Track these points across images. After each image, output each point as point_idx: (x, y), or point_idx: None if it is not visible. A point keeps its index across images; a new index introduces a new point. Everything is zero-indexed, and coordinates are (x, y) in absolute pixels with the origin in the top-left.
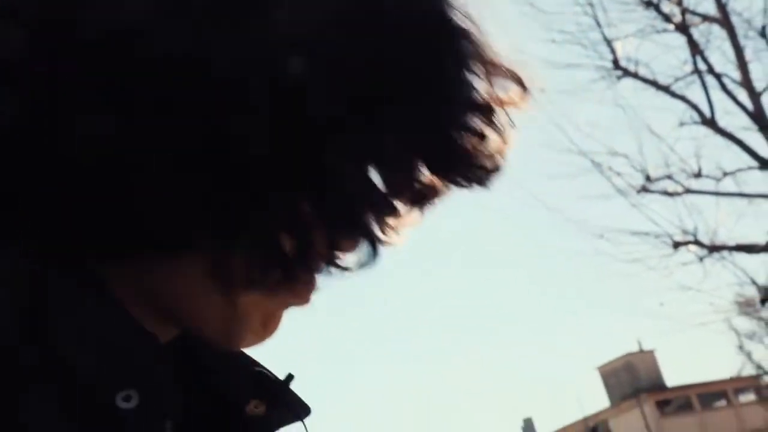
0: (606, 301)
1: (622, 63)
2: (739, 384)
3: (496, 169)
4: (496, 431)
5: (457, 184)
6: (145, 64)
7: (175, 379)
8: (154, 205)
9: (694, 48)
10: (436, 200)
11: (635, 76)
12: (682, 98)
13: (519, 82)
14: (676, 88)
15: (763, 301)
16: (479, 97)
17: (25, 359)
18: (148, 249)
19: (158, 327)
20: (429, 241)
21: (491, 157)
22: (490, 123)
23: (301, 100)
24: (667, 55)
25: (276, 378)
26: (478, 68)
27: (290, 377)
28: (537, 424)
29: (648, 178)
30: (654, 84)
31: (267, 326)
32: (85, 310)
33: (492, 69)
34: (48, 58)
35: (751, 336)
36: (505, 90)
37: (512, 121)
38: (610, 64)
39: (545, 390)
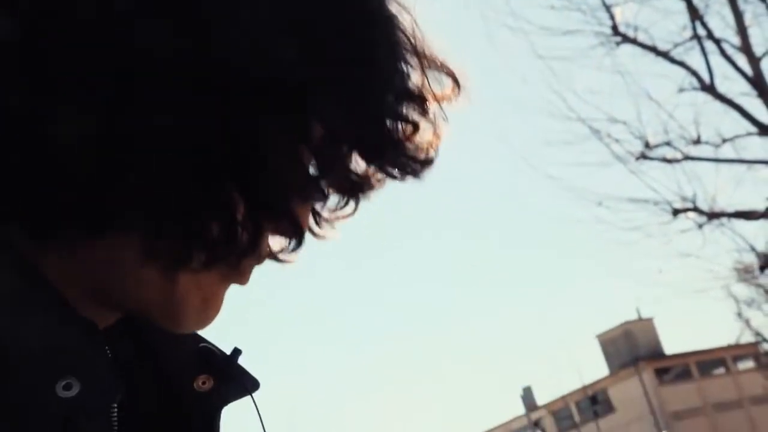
0: (605, 269)
1: (621, 29)
2: (737, 351)
3: (428, 161)
4: (495, 400)
5: (390, 174)
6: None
7: (119, 362)
8: (85, 184)
9: (694, 13)
10: (370, 192)
11: (634, 42)
12: (682, 64)
13: (453, 77)
14: (676, 53)
15: (762, 268)
16: (413, 88)
17: None
18: (80, 228)
19: (96, 311)
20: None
21: (424, 148)
22: (424, 114)
23: (229, 83)
24: (666, 20)
25: (222, 353)
26: (413, 60)
27: (237, 351)
28: (536, 393)
29: (647, 145)
30: (653, 50)
31: (208, 306)
32: (20, 298)
33: (427, 62)
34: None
35: (749, 303)
36: (440, 84)
37: (445, 115)
38: (609, 30)
39: (544, 358)
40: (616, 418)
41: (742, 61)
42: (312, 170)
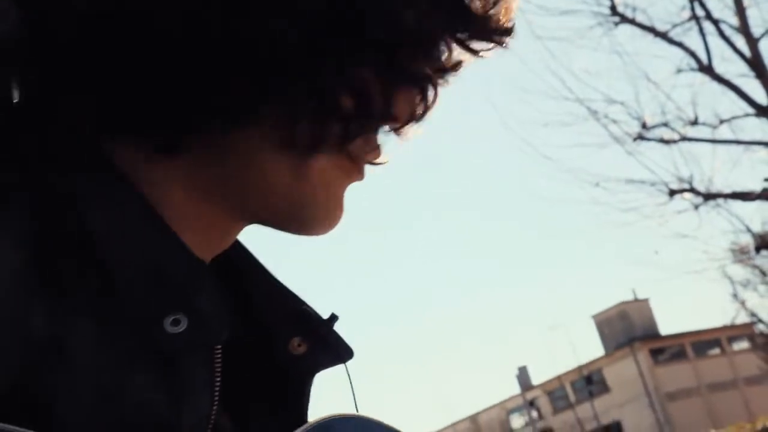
0: (601, 249)
1: (620, 9)
2: (732, 332)
3: (509, 29)
4: (491, 379)
5: (480, 40)
6: None
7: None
8: (216, 78)
9: None
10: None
11: (632, 22)
12: (680, 45)
13: None
14: (674, 34)
15: (757, 249)
16: None
17: (69, 271)
18: (215, 121)
19: (213, 238)
20: (425, 189)
21: (501, 16)
22: None
23: None
24: (664, 0)
25: (320, 317)
26: None
27: (334, 317)
28: (532, 372)
29: (644, 126)
30: (651, 30)
31: (336, 205)
32: (130, 231)
33: None
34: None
35: (745, 284)
36: None
37: None
38: (607, 11)
39: (540, 338)
40: (611, 398)
41: (740, 42)
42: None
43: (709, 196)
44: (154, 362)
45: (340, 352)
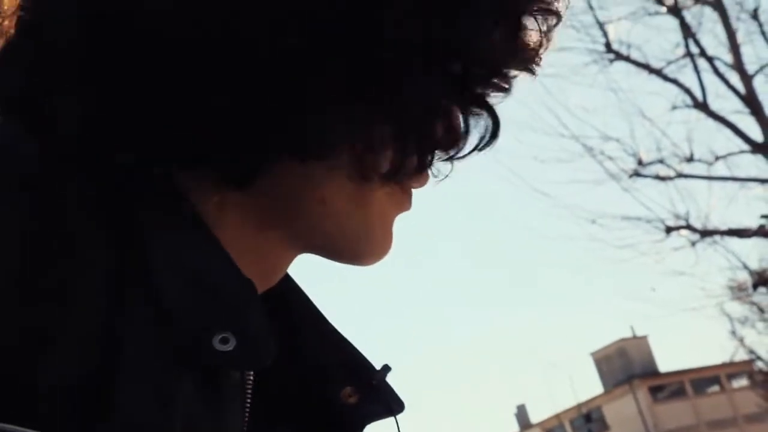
0: (598, 286)
1: (615, 46)
2: (732, 369)
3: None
4: (490, 417)
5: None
6: None
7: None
8: (304, 109)
9: (687, 31)
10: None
11: (627, 59)
12: (674, 81)
13: None
14: (668, 71)
15: (755, 286)
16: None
17: (124, 286)
18: (297, 153)
19: (268, 263)
20: (420, 225)
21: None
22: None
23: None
24: (659, 38)
25: (373, 367)
26: None
27: (387, 368)
28: (530, 411)
29: (640, 163)
30: (646, 67)
31: (388, 235)
32: (183, 248)
33: None
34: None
35: (743, 321)
36: None
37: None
38: (602, 48)
39: (538, 376)
40: None
41: (734, 78)
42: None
43: (705, 233)
44: (201, 377)
45: (392, 405)
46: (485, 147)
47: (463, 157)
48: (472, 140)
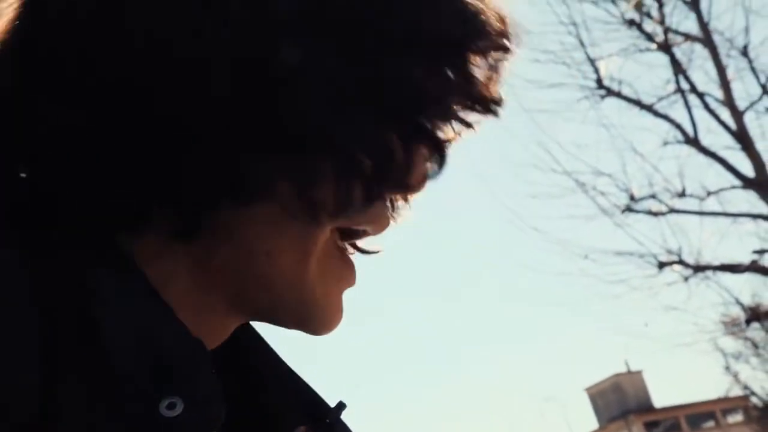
0: (592, 321)
1: (606, 82)
2: (726, 405)
3: (501, 99)
4: None
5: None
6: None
7: (222, 389)
8: (233, 154)
9: (677, 67)
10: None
11: (619, 95)
12: (666, 117)
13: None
14: (660, 107)
15: (748, 321)
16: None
17: (67, 355)
18: (232, 199)
19: (216, 325)
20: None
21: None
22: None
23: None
24: (650, 74)
25: (327, 405)
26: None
27: (342, 406)
28: None
29: (632, 198)
30: (637, 103)
31: (332, 308)
32: (133, 313)
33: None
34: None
35: (737, 356)
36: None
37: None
38: (593, 84)
39: (534, 411)
40: None
41: (725, 114)
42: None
43: (698, 269)
44: None
45: None
46: (429, 179)
47: (413, 192)
48: (424, 177)
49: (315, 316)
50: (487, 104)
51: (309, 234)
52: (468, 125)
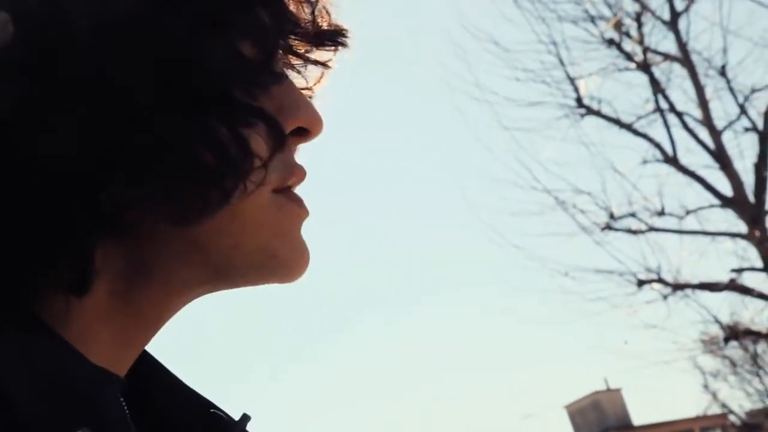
0: (572, 338)
1: (585, 101)
2: (705, 423)
3: (340, 29)
4: None
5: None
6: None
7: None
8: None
9: (656, 86)
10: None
11: (598, 114)
12: (645, 136)
13: None
14: (639, 126)
15: (726, 340)
16: None
17: None
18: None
19: (125, 348)
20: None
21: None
22: None
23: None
24: (629, 93)
25: (232, 420)
26: None
27: (246, 418)
28: None
29: (612, 216)
30: (617, 122)
31: (294, 249)
32: (31, 351)
33: None
34: None
35: (715, 374)
36: None
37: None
38: (573, 102)
39: (513, 430)
40: None
41: (703, 134)
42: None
43: (677, 287)
44: None
45: None
46: (276, 149)
47: (269, 159)
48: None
49: (282, 267)
50: (322, 40)
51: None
52: (318, 63)
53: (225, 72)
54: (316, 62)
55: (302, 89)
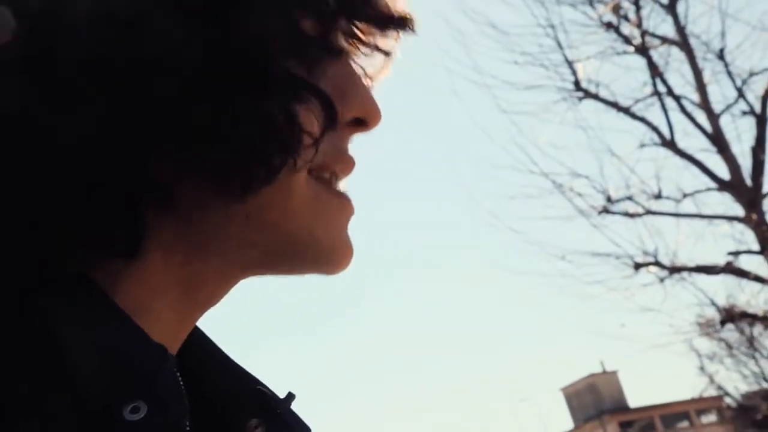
0: (568, 321)
1: (583, 84)
2: (701, 405)
3: (404, 18)
4: None
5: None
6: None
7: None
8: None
9: (654, 70)
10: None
11: (596, 97)
12: (642, 120)
13: None
14: (636, 109)
15: (722, 323)
16: None
17: (30, 371)
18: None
19: (201, 294)
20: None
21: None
22: None
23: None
24: (627, 76)
25: (277, 397)
26: None
27: (291, 396)
28: None
29: (609, 200)
30: (614, 105)
31: (336, 241)
32: (91, 322)
33: None
34: None
35: (711, 357)
36: None
37: None
38: (571, 86)
39: (509, 412)
40: None
41: (701, 117)
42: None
43: (674, 270)
44: None
45: (297, 431)
46: (327, 128)
47: (319, 141)
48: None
49: (323, 255)
50: (388, 20)
51: (286, 192)
52: (380, 50)
53: (277, 42)
54: (378, 48)
55: (364, 77)
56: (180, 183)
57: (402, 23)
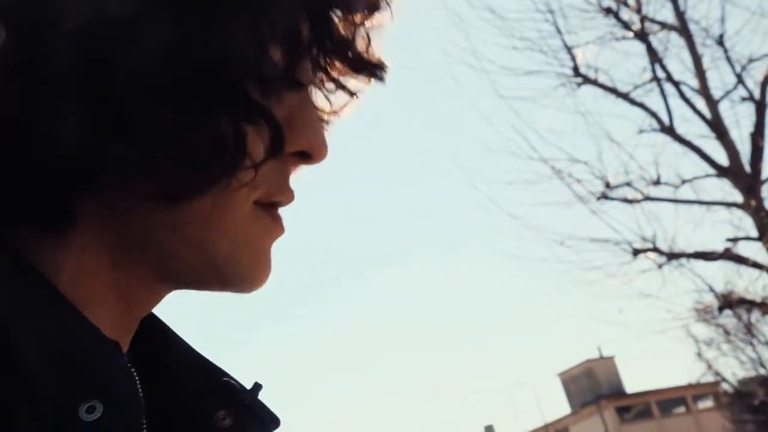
0: (566, 307)
1: (582, 70)
2: (697, 391)
3: (379, 63)
4: None
5: (351, 68)
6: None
7: (140, 386)
8: (79, 146)
9: (653, 56)
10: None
11: (595, 83)
12: (641, 105)
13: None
14: (635, 95)
15: (720, 309)
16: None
17: None
18: (84, 187)
19: (132, 301)
20: (386, 246)
21: (368, 52)
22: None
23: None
24: (626, 62)
25: (244, 388)
26: None
27: (258, 387)
28: (498, 431)
29: (607, 185)
30: (613, 91)
31: (258, 262)
32: (42, 319)
33: None
34: None
35: (709, 343)
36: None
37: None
38: (570, 71)
39: (506, 397)
40: None
41: (700, 103)
42: (277, 65)
43: (672, 256)
44: None
45: (266, 422)
46: (271, 155)
47: (260, 165)
48: (267, 148)
49: (236, 276)
50: (363, 65)
51: (215, 211)
52: (347, 90)
53: (241, 64)
54: (344, 88)
55: (323, 112)
56: (115, 173)
57: (375, 70)
